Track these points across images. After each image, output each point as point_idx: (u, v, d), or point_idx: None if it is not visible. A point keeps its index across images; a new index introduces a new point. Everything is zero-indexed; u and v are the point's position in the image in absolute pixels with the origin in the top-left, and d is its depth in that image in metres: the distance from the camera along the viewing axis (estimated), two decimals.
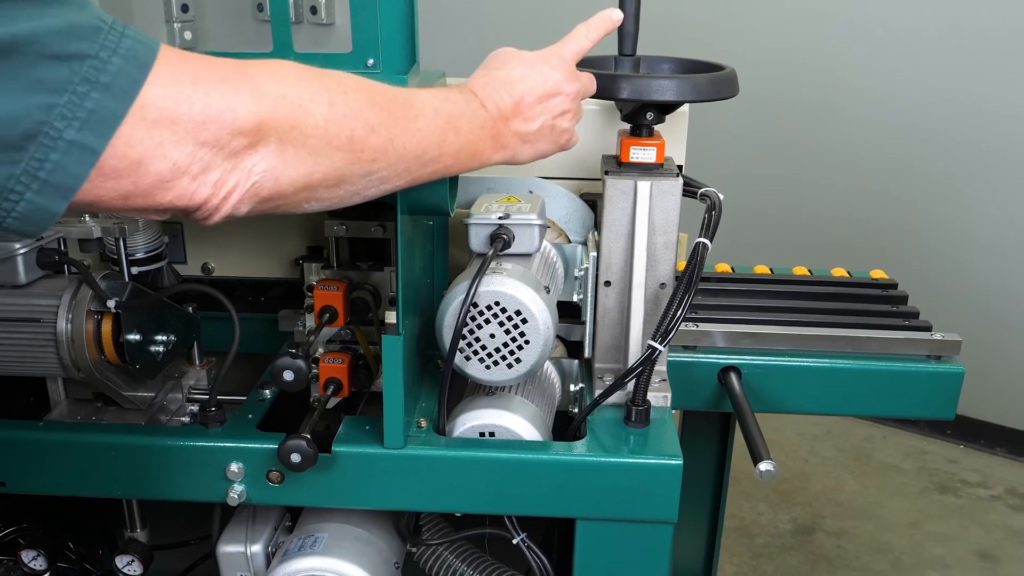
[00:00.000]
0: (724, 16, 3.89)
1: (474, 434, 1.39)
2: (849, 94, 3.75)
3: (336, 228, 1.54)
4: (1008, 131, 3.50)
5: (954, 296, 3.63)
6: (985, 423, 3.78)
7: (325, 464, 1.34)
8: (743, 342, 1.64)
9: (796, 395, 1.63)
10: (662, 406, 1.46)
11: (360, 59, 1.31)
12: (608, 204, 1.45)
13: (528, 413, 1.41)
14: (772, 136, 3.95)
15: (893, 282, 1.87)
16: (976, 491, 3.54)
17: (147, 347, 1.46)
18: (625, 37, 1.51)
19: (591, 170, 1.66)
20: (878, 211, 3.81)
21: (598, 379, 1.51)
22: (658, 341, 1.35)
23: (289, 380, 1.30)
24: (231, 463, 1.36)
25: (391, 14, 1.29)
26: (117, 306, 1.40)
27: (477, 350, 1.34)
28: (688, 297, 1.35)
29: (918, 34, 3.56)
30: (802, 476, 3.59)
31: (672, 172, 1.46)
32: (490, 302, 1.31)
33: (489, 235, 1.38)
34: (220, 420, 1.41)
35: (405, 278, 1.30)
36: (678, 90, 1.39)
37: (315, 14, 4.18)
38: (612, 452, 1.35)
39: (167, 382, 1.57)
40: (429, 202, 1.28)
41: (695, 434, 2.03)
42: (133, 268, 1.55)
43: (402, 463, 1.35)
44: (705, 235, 1.41)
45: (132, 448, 1.38)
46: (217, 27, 2.33)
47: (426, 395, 1.50)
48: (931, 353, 1.62)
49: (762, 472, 1.35)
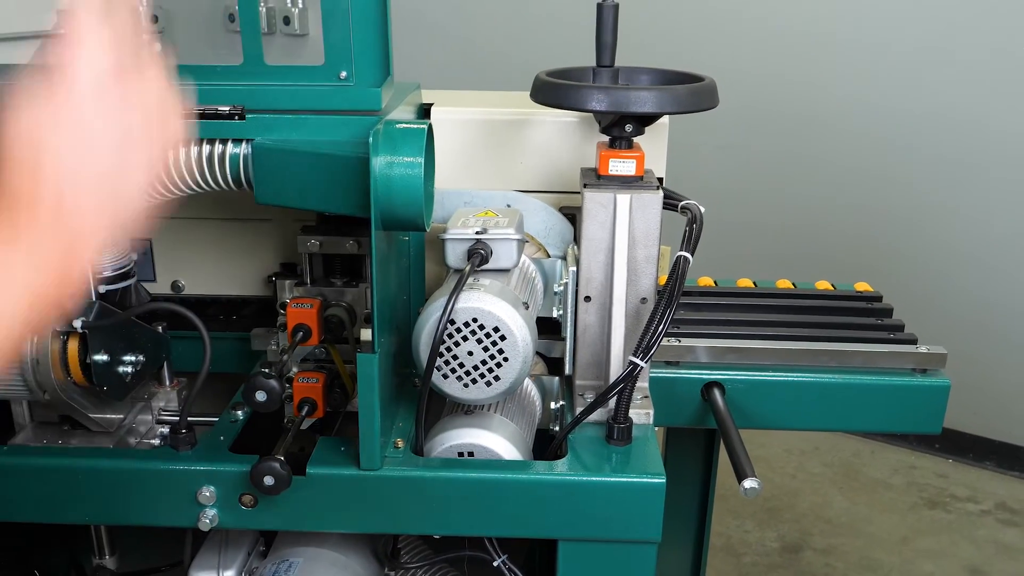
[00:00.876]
0: (707, 27, 3.92)
1: (452, 454, 1.39)
2: (832, 105, 3.79)
3: (310, 244, 1.53)
4: (990, 144, 3.54)
5: (939, 308, 3.66)
6: (974, 437, 3.81)
7: (299, 487, 1.33)
8: (726, 357, 1.64)
9: (780, 411, 1.63)
10: (644, 423, 1.46)
11: (332, 72, 1.31)
12: (587, 218, 1.46)
13: (508, 432, 1.41)
14: (755, 148, 3.98)
15: (878, 295, 1.89)
16: (966, 506, 3.56)
17: (115, 368, 1.45)
18: (603, 48, 1.52)
19: (570, 183, 1.66)
20: (862, 223, 3.84)
21: (579, 396, 1.51)
22: (639, 357, 1.36)
23: (262, 401, 1.29)
24: (202, 487, 1.35)
25: (364, 26, 1.29)
26: (83, 326, 1.39)
27: (455, 368, 1.33)
28: (670, 312, 1.36)
29: (900, 47, 3.60)
30: (790, 493, 3.60)
31: (652, 185, 1.47)
32: (468, 319, 1.31)
33: (466, 250, 1.38)
34: (191, 443, 1.40)
35: (380, 295, 1.30)
36: (657, 102, 1.40)
37: (288, 24, 4.17)
38: (594, 471, 1.35)
39: (136, 404, 1.56)
40: (404, 217, 1.28)
41: (679, 451, 2.03)
42: (100, 286, 1.54)
43: (379, 485, 1.34)
44: (686, 248, 1.41)
45: (100, 472, 1.37)
46: (188, 38, 2.33)
47: (403, 415, 1.49)
48: (916, 366, 1.63)
49: (747, 489, 1.35)
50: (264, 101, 1.31)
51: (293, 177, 1.29)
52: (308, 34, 4.27)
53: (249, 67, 1.32)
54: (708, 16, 3.90)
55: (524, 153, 1.67)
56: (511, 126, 1.66)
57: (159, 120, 0.85)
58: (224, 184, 1.36)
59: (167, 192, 1.37)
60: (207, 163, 1.33)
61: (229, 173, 1.34)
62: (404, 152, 1.25)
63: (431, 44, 4.28)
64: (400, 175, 1.25)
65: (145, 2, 2.18)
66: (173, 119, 0.88)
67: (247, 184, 1.35)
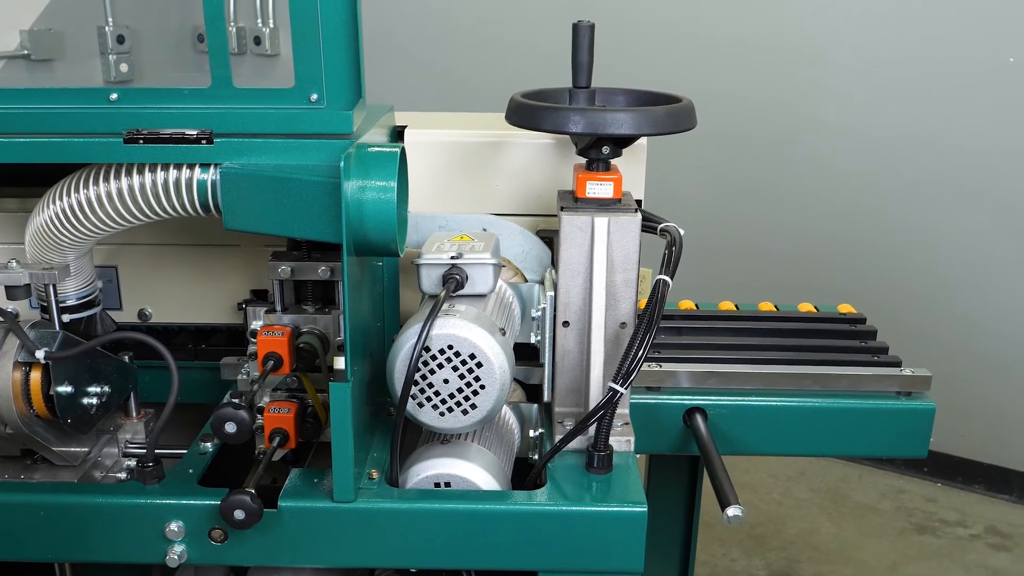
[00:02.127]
0: (685, 47, 3.95)
1: (429, 485, 1.39)
2: (813, 126, 3.83)
3: (281, 270, 1.53)
4: (968, 166, 3.60)
5: (923, 330, 3.70)
6: (962, 460, 3.83)
7: (271, 520, 1.33)
8: (708, 382, 1.65)
9: (764, 436, 1.64)
10: (625, 451, 1.47)
11: (303, 94, 1.32)
12: (565, 241, 1.47)
13: (485, 461, 1.41)
14: (735, 169, 4.01)
15: (861, 316, 1.90)
16: (955, 530, 3.57)
17: (79, 400, 1.44)
18: (579, 69, 1.54)
19: (547, 206, 1.68)
20: (845, 244, 3.87)
21: (558, 424, 1.52)
22: (619, 383, 1.36)
23: (231, 432, 1.29)
24: (170, 522, 1.34)
25: (335, 48, 1.30)
26: (46, 357, 1.38)
27: (430, 396, 1.34)
28: (650, 337, 1.37)
29: (880, 71, 3.66)
30: (776, 519, 3.61)
31: (630, 207, 1.48)
32: (443, 346, 1.31)
33: (441, 276, 1.38)
34: (158, 476, 1.39)
35: (353, 322, 1.30)
36: (634, 123, 1.41)
37: (259, 44, 4.16)
38: (574, 500, 1.36)
39: (102, 436, 1.55)
40: (376, 242, 1.28)
41: (662, 478, 2.04)
42: (64, 316, 1.53)
43: (353, 517, 1.34)
44: (665, 272, 1.42)
45: (64, 508, 1.36)
46: (155, 59, 2.33)
47: (378, 444, 1.49)
48: (901, 389, 1.65)
49: (730, 517, 1.35)
50: (233, 125, 1.32)
51: (263, 202, 1.30)
52: (279, 54, 4.27)
53: (217, 90, 1.33)
54: (687, 36, 3.94)
55: (500, 176, 1.68)
56: (486, 148, 1.67)
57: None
58: (192, 210, 1.36)
59: (133, 219, 1.37)
60: (174, 189, 1.34)
61: (197, 199, 1.34)
62: (376, 176, 1.26)
63: (404, 65, 4.30)
64: (372, 199, 1.25)
65: (111, 22, 2.18)
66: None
67: (215, 210, 1.35)
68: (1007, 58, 3.42)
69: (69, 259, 1.46)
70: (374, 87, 1.45)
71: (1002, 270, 3.63)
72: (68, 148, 1.31)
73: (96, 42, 2.01)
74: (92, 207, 1.37)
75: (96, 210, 1.37)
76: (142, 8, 2.23)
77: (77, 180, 1.37)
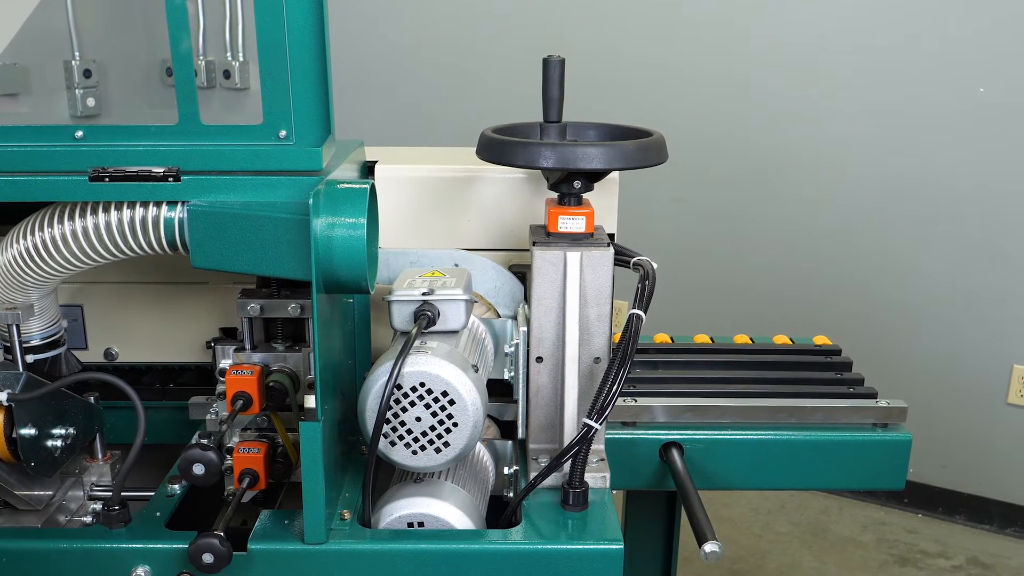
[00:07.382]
0: (657, 81, 4.00)
1: (402, 525, 1.38)
2: (787, 160, 3.87)
3: (250, 308, 1.53)
4: (940, 199, 3.66)
5: (898, 362, 3.73)
6: (942, 490, 3.86)
7: (241, 564, 1.32)
8: (684, 416, 1.66)
9: (741, 470, 1.65)
10: (601, 487, 1.47)
11: (272, 131, 1.33)
12: (537, 276, 1.47)
13: (459, 500, 1.41)
14: (708, 202, 4.04)
15: (836, 348, 1.92)
16: (937, 562, 3.58)
17: (43, 442, 1.43)
18: (550, 103, 1.55)
19: (519, 240, 1.69)
20: (819, 277, 3.91)
21: (533, 460, 1.52)
22: (594, 419, 1.37)
23: (199, 474, 1.28)
24: (137, 566, 1.33)
25: (304, 84, 1.31)
26: (9, 399, 1.37)
27: (403, 435, 1.34)
28: (624, 371, 1.37)
29: (853, 105, 3.72)
30: (757, 554, 3.61)
31: (603, 242, 1.49)
32: (415, 383, 1.31)
33: (413, 312, 1.39)
34: (124, 519, 1.38)
35: (324, 360, 1.30)
36: (605, 158, 1.43)
37: (228, 78, 4.18)
38: (549, 539, 1.36)
39: (66, 479, 1.53)
40: (347, 279, 1.28)
41: (640, 514, 2.04)
42: (28, 356, 1.52)
43: (324, 559, 1.33)
44: (639, 306, 1.43)
45: (26, 554, 1.35)
46: (123, 93, 2.32)
47: (350, 484, 1.49)
48: (877, 421, 1.66)
49: (707, 554, 1.36)
50: (200, 162, 1.32)
51: (231, 240, 1.30)
52: (249, 88, 4.28)
53: (185, 126, 1.33)
54: (659, 70, 3.98)
55: (471, 211, 1.69)
56: (457, 183, 1.68)
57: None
58: (159, 248, 1.36)
59: (98, 258, 1.37)
60: (140, 227, 1.34)
61: (164, 237, 1.34)
62: (346, 213, 1.26)
63: (374, 100, 4.31)
64: (342, 236, 1.26)
65: (78, 56, 2.18)
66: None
67: (183, 248, 1.35)
68: (977, 88, 3.49)
69: (33, 299, 1.46)
70: (344, 122, 1.46)
71: (975, 301, 3.68)
72: (32, 186, 1.31)
73: (63, 76, 2.01)
74: (57, 246, 1.36)
75: (61, 249, 1.36)
76: (110, 42, 2.23)
77: (41, 219, 1.37)
